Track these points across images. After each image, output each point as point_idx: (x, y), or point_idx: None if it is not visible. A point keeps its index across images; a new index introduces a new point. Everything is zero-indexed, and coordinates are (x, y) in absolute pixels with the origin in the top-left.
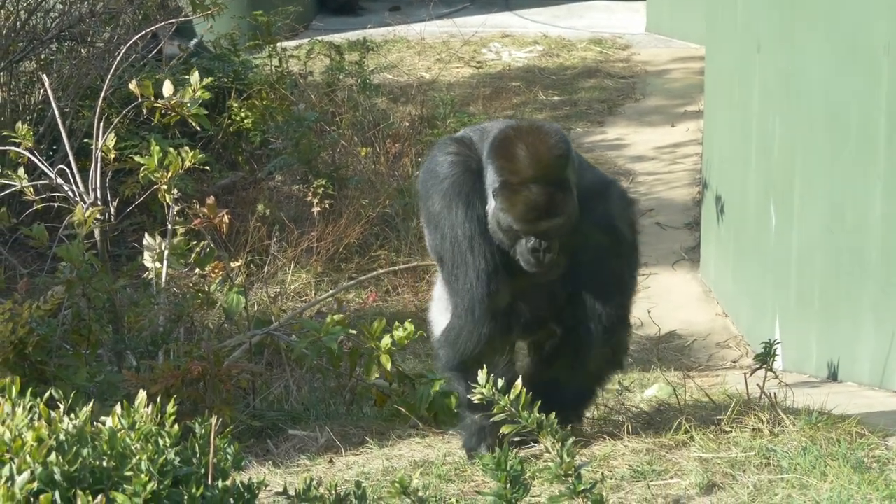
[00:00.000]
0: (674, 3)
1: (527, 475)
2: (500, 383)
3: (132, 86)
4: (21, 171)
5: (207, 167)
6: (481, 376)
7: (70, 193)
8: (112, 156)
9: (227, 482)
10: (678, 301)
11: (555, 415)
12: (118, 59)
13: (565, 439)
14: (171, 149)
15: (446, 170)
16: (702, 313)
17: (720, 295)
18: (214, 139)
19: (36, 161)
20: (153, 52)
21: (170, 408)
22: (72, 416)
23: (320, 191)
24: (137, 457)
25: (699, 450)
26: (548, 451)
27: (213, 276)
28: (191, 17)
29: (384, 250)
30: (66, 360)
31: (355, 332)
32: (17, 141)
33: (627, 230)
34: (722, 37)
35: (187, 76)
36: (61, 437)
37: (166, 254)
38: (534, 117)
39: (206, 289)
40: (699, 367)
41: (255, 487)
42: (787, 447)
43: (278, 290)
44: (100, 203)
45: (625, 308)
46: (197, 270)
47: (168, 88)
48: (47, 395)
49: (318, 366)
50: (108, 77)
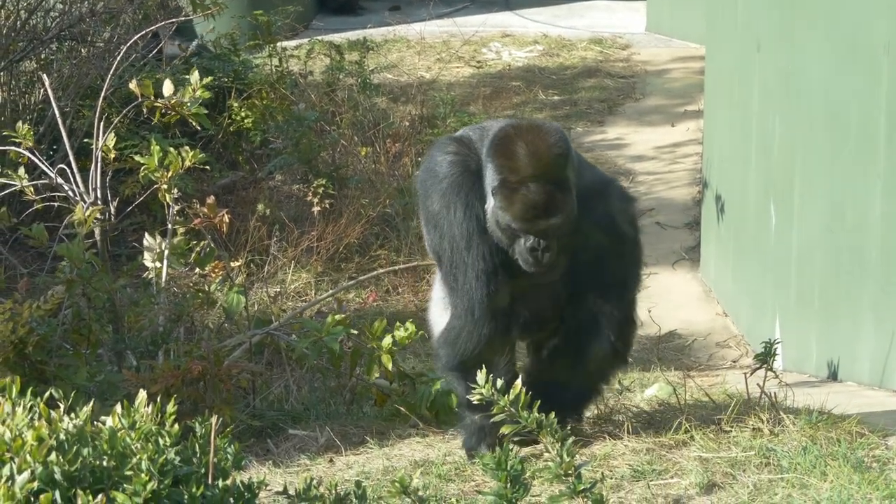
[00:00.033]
0: (674, 2)
1: (527, 475)
2: (500, 383)
3: (132, 85)
4: (21, 170)
5: (207, 167)
6: (480, 377)
7: (70, 193)
8: (112, 155)
9: (228, 482)
10: (678, 301)
11: (555, 414)
12: (118, 58)
13: (565, 439)
14: (172, 148)
15: (445, 169)
16: (702, 313)
17: (720, 294)
18: (214, 139)
19: (36, 161)
20: (153, 52)
21: (170, 407)
22: (72, 415)
23: (320, 190)
24: (138, 456)
25: (699, 449)
26: (548, 451)
27: (213, 275)
28: (191, 17)
29: (384, 250)
30: (67, 360)
31: (356, 333)
32: (17, 141)
33: (628, 228)
34: (722, 36)
35: (187, 76)
36: (61, 436)
37: (166, 253)
38: (534, 117)
39: (207, 288)
40: (699, 367)
41: (255, 487)
42: (787, 447)
43: (278, 289)
44: (100, 203)
45: (629, 305)
46: (197, 270)
47: (168, 88)
48: (47, 394)
49: (318, 365)
50: (109, 77)
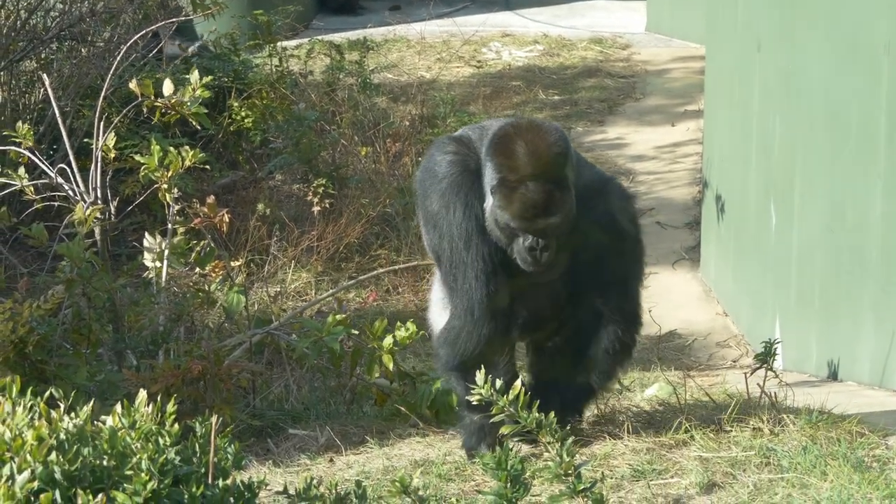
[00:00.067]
0: (674, 2)
1: (527, 474)
2: (499, 384)
3: (132, 85)
4: (21, 170)
5: (208, 166)
6: (479, 377)
7: (70, 193)
8: (112, 155)
9: (228, 481)
10: (678, 300)
11: (556, 414)
12: (118, 58)
13: (565, 439)
14: (172, 148)
15: (444, 169)
16: (702, 313)
17: (720, 294)
18: (215, 138)
19: (36, 160)
20: (154, 52)
21: (170, 407)
22: (72, 415)
23: (320, 190)
24: (138, 456)
25: (699, 449)
26: (548, 451)
27: (213, 275)
28: (191, 17)
29: (384, 249)
30: (67, 360)
31: (357, 332)
32: (17, 140)
33: (629, 225)
34: (722, 36)
35: (187, 76)
36: (62, 436)
37: (166, 253)
38: (534, 116)
39: (207, 288)
40: (699, 367)
41: (255, 486)
42: (787, 446)
43: (278, 289)
44: (100, 202)
45: (633, 302)
46: (197, 270)
47: (168, 87)
48: (48, 394)
49: (318, 365)
50: (109, 76)
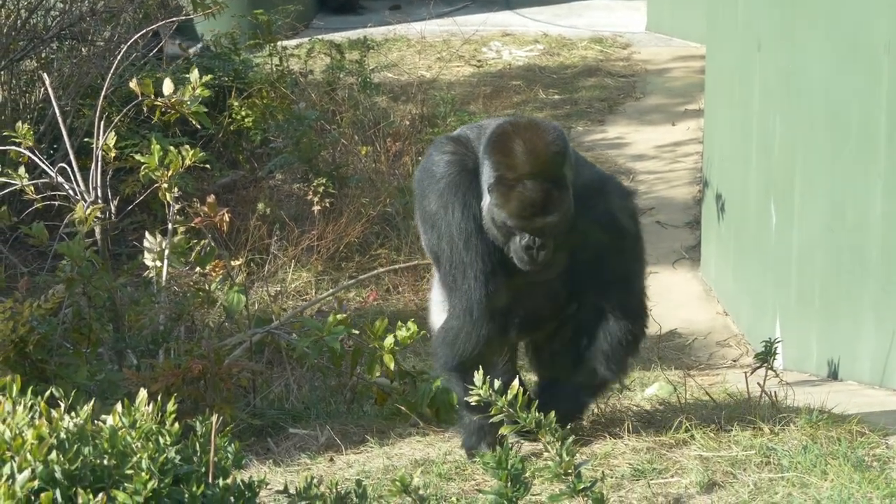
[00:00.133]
0: (674, 1)
1: (527, 473)
2: (498, 384)
3: (133, 84)
4: (21, 169)
5: (208, 166)
6: (478, 378)
7: (71, 192)
8: (113, 154)
9: (228, 480)
10: (679, 300)
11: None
12: (119, 57)
13: (565, 438)
14: (172, 147)
15: (443, 169)
16: (702, 312)
17: (721, 294)
18: (215, 138)
19: (36, 160)
20: (154, 51)
21: (170, 406)
22: (72, 414)
23: (321, 189)
24: (138, 455)
25: (700, 448)
26: (548, 450)
27: (213, 274)
28: (191, 16)
29: (385, 249)
30: (67, 359)
31: (357, 332)
32: (17, 140)
33: (629, 222)
34: (722, 35)
35: (188, 75)
36: (62, 435)
37: (167, 252)
38: (534, 116)
39: (207, 287)
40: (700, 366)
41: (255, 486)
42: (787, 446)
43: (279, 288)
44: (100, 201)
45: (637, 298)
46: (197, 269)
47: (168, 86)
48: (48, 393)
49: (318, 364)
50: (109, 76)
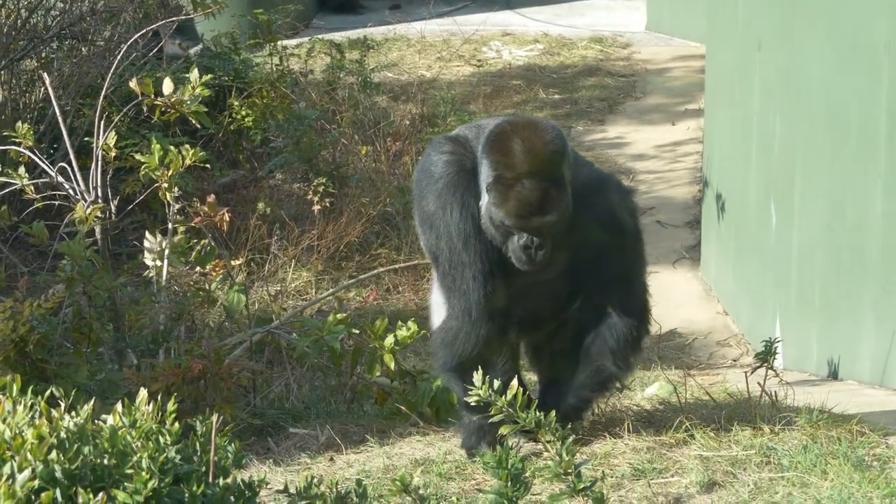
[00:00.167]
0: (674, 1)
1: (527, 473)
2: (497, 384)
3: (133, 84)
4: (21, 169)
5: (208, 165)
6: (477, 378)
7: (71, 192)
8: (113, 154)
9: (228, 480)
10: (679, 299)
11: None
12: (119, 57)
13: (565, 437)
14: (172, 147)
15: (441, 169)
16: (702, 312)
17: (721, 293)
18: (215, 137)
19: (36, 159)
20: (154, 51)
21: (170, 406)
22: (73, 413)
23: (321, 189)
24: (138, 455)
25: (700, 448)
26: (548, 450)
27: (213, 274)
28: (191, 16)
29: (385, 248)
30: (67, 358)
31: (357, 332)
32: (17, 140)
33: (628, 219)
34: (722, 35)
35: (188, 75)
36: (62, 434)
37: (167, 252)
38: (534, 115)
39: (207, 287)
40: (700, 366)
41: (255, 485)
42: (787, 445)
43: (279, 288)
44: (100, 201)
45: (639, 297)
46: (198, 269)
47: (168, 86)
48: (48, 393)
49: (318, 364)
50: (109, 75)
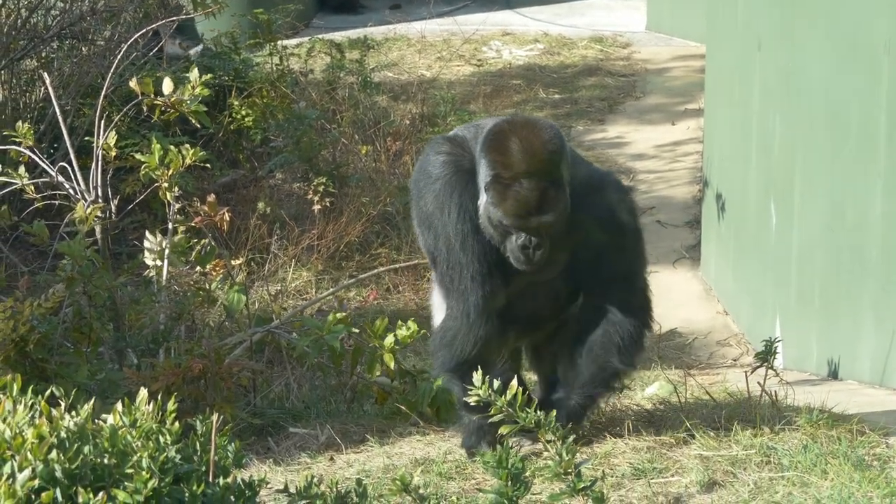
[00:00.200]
0: (674, 1)
1: (528, 473)
2: (497, 384)
3: (133, 84)
4: (22, 169)
5: (208, 165)
6: (477, 378)
7: (71, 191)
8: (113, 154)
9: (228, 480)
10: (679, 299)
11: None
12: (119, 57)
13: (565, 437)
14: (172, 147)
15: (439, 170)
16: (702, 311)
17: (721, 293)
18: (215, 137)
19: (37, 159)
20: (154, 51)
21: (171, 405)
22: (73, 413)
23: (321, 189)
24: (138, 454)
25: (700, 448)
26: (548, 449)
27: (213, 274)
28: (192, 16)
29: (385, 248)
30: (68, 358)
31: (357, 331)
32: (17, 139)
33: (627, 217)
34: (722, 35)
35: (188, 74)
36: (62, 434)
37: (167, 252)
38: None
39: (207, 287)
40: (700, 365)
41: (255, 485)
42: (787, 445)
43: (279, 287)
44: (101, 201)
45: (641, 295)
46: (198, 268)
47: (168, 85)
48: (48, 392)
49: (318, 363)
50: (109, 75)
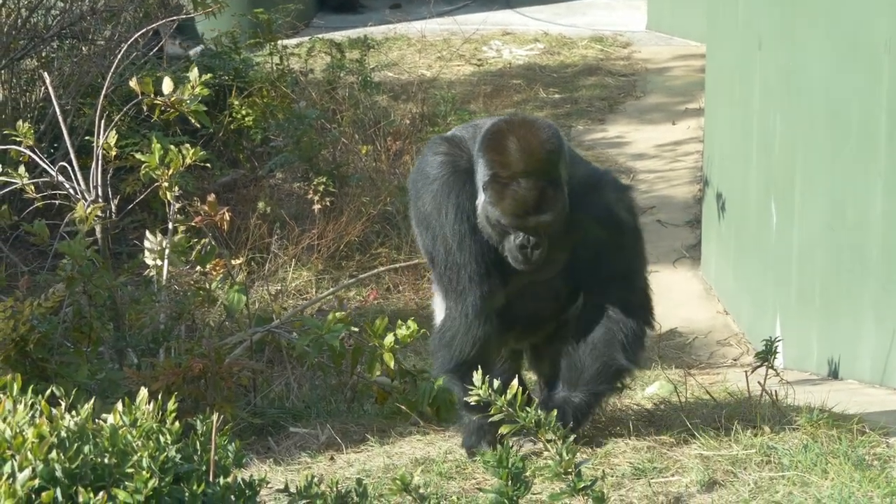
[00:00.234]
0: (674, 0)
1: (528, 472)
2: (497, 384)
3: (133, 83)
4: (22, 168)
5: (208, 165)
6: (477, 378)
7: (71, 191)
8: (113, 153)
9: (229, 479)
10: (679, 299)
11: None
12: (119, 56)
13: (566, 437)
14: (172, 146)
15: (436, 170)
16: (703, 311)
17: (721, 292)
18: (215, 137)
19: (37, 159)
20: (154, 50)
21: (171, 405)
22: (73, 413)
23: (321, 188)
24: (139, 454)
25: (700, 447)
26: (548, 449)
27: (214, 273)
28: (192, 15)
29: (385, 248)
30: (68, 358)
31: (357, 330)
32: (18, 139)
33: (626, 215)
34: (723, 34)
35: (187, 74)
36: (63, 434)
37: (167, 251)
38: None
39: (207, 286)
40: (700, 365)
41: (256, 484)
42: (788, 444)
43: (279, 287)
44: (101, 200)
45: (641, 294)
46: (198, 268)
47: (168, 85)
48: (49, 392)
49: (319, 363)
50: (110, 75)
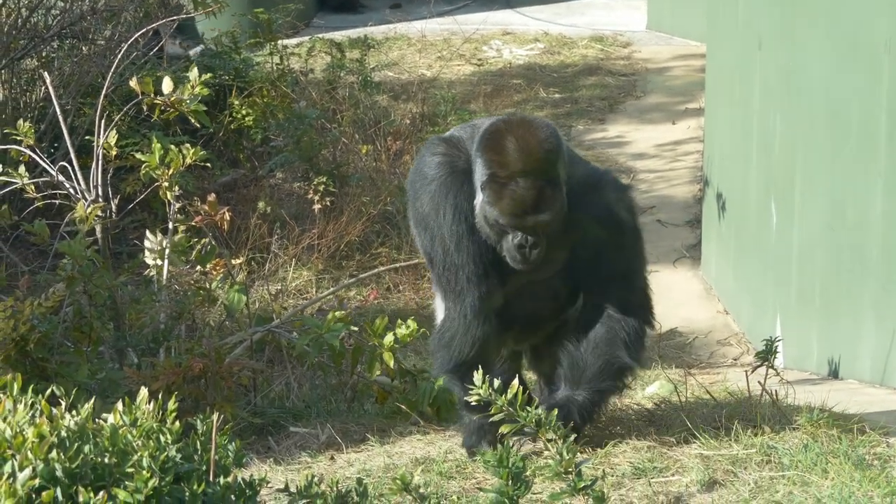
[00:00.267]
0: (675, 0)
1: (528, 472)
2: (497, 383)
3: (133, 83)
4: (22, 168)
5: (208, 164)
6: (477, 378)
7: (71, 191)
8: (113, 153)
9: (229, 479)
10: (679, 298)
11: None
12: (119, 56)
13: (566, 437)
14: (172, 146)
15: (434, 171)
16: (703, 311)
17: (721, 292)
18: (215, 136)
19: (37, 158)
20: (154, 50)
21: (171, 405)
22: (73, 412)
23: (321, 188)
24: (139, 453)
25: (700, 447)
26: (548, 449)
27: (214, 273)
28: (192, 15)
29: (385, 248)
30: (68, 357)
31: (357, 329)
32: (18, 138)
33: (626, 215)
34: (723, 34)
35: (188, 73)
36: (63, 433)
37: (167, 251)
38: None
39: (208, 286)
40: (700, 365)
41: (256, 484)
42: (788, 444)
43: (279, 287)
44: (101, 200)
45: (641, 293)
46: (198, 268)
47: (167, 85)
48: (49, 391)
49: (319, 363)
50: (110, 74)
